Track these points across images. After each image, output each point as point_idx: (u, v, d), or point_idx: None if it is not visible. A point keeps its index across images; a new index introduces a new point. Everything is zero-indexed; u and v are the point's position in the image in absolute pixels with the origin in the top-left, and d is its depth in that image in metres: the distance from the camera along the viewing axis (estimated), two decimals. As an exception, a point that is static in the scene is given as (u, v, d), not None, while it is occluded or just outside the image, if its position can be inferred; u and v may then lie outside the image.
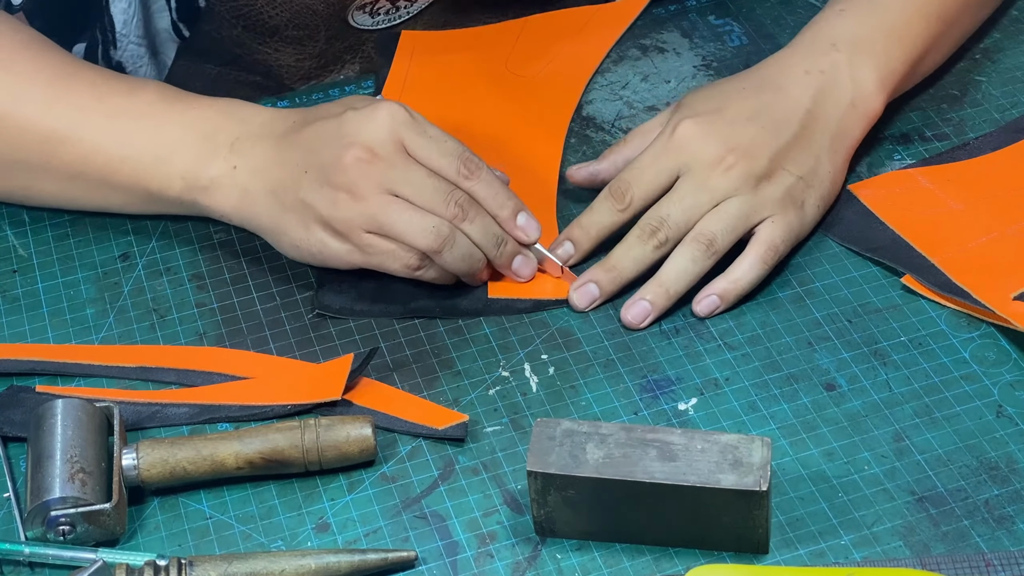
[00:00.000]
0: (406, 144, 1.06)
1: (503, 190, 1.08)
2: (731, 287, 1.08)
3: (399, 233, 1.05)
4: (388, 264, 1.07)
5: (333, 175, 1.05)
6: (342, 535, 0.98)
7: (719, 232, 1.08)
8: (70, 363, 1.08)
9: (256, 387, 1.06)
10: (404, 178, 1.06)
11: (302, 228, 1.07)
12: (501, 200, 1.08)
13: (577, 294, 1.09)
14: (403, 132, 1.06)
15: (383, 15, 1.31)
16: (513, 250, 1.09)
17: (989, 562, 0.92)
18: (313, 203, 1.06)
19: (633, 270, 1.09)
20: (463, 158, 1.07)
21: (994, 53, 1.27)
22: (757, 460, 0.92)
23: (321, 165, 1.06)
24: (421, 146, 1.06)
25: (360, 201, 1.05)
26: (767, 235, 1.08)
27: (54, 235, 1.19)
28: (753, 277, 1.08)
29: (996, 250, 1.10)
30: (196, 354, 1.09)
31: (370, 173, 1.05)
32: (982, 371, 1.04)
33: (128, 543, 0.98)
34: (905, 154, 1.19)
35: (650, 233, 1.08)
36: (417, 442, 1.03)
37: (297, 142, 1.08)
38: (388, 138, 1.05)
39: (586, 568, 0.95)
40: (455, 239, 1.06)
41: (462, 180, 1.07)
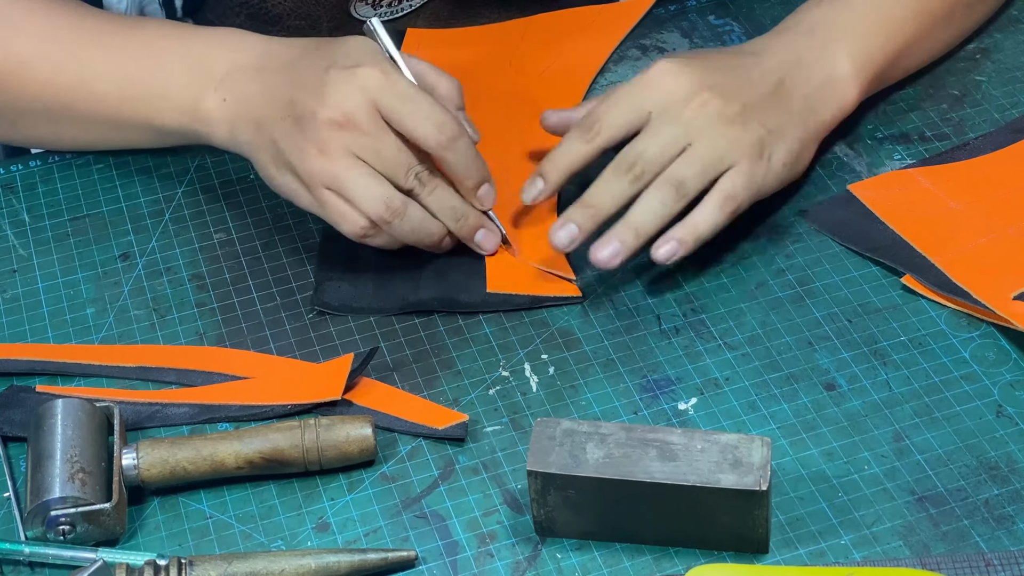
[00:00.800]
0: (382, 111, 1.07)
1: (474, 160, 1.09)
2: (690, 232, 1.08)
3: (353, 197, 1.07)
4: (340, 224, 1.09)
5: (306, 128, 1.07)
6: (342, 535, 0.98)
7: (689, 176, 1.08)
8: (70, 363, 1.08)
9: (256, 387, 1.06)
10: (372, 147, 1.07)
11: (274, 167, 1.10)
12: (469, 170, 1.09)
13: (557, 235, 1.09)
14: (379, 98, 1.07)
15: (385, 7, 1.31)
16: (475, 223, 1.11)
17: (989, 562, 0.92)
18: (284, 149, 1.08)
19: (611, 205, 1.09)
20: (439, 124, 1.07)
21: (994, 53, 1.27)
22: (757, 460, 0.92)
23: (298, 116, 1.07)
24: (397, 113, 1.07)
25: (325, 157, 1.07)
26: (728, 183, 1.08)
27: (54, 235, 1.19)
28: (712, 223, 1.08)
29: (996, 250, 1.10)
30: (196, 354, 1.09)
31: (340, 136, 1.07)
32: (982, 371, 1.04)
33: (128, 543, 0.98)
34: (905, 154, 1.19)
35: (626, 168, 1.09)
36: (417, 442, 1.03)
37: (281, 87, 1.10)
38: (363, 105, 1.07)
39: (586, 568, 0.95)
40: (407, 212, 1.08)
41: (437, 148, 1.08)
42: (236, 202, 1.20)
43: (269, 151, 1.09)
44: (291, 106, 1.08)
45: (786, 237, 1.14)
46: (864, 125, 1.22)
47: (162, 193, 1.21)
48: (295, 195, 1.10)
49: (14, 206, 1.21)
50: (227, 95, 1.12)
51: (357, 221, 1.08)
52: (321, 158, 1.07)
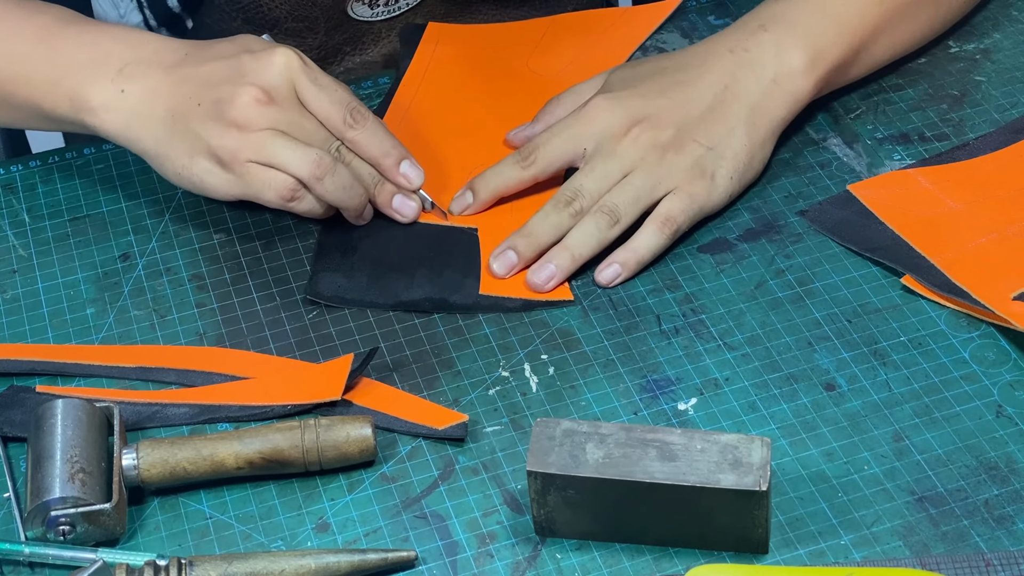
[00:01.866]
0: (298, 90, 1.11)
1: (387, 138, 1.13)
2: (631, 256, 1.11)
3: (281, 160, 1.09)
4: (264, 193, 1.10)
5: (227, 110, 1.09)
6: (342, 535, 0.98)
7: (622, 204, 1.11)
8: (70, 363, 1.08)
9: (256, 387, 1.06)
10: (294, 122, 1.10)
11: (187, 156, 1.11)
12: (385, 148, 1.13)
13: (497, 262, 1.12)
14: (296, 78, 1.11)
15: (382, 6, 1.32)
16: (392, 188, 1.14)
17: (989, 562, 0.92)
18: (202, 134, 1.10)
19: (550, 236, 1.12)
20: (350, 107, 1.12)
21: (994, 53, 1.27)
22: (757, 460, 0.92)
23: (216, 100, 1.10)
24: (312, 93, 1.11)
25: (248, 134, 1.09)
26: (666, 207, 1.12)
27: (54, 235, 1.19)
28: (652, 246, 1.11)
29: (996, 250, 1.10)
30: (196, 354, 1.09)
31: (263, 112, 1.09)
32: (982, 371, 1.04)
33: (128, 543, 0.98)
34: (905, 154, 1.19)
35: (565, 203, 1.12)
36: (417, 442, 1.03)
37: (192, 75, 1.12)
38: (282, 83, 1.10)
39: (586, 568, 0.95)
40: (336, 170, 1.10)
41: (347, 129, 1.12)
42: (236, 202, 1.20)
43: (183, 141, 1.11)
44: (207, 92, 1.10)
45: (786, 237, 1.14)
46: (864, 125, 1.22)
47: (162, 193, 1.21)
48: (212, 179, 1.11)
49: (14, 206, 1.21)
50: (126, 87, 1.13)
51: (285, 182, 1.10)
52: (243, 135, 1.09)
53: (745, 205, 1.16)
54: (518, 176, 1.15)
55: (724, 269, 1.12)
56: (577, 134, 1.14)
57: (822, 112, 1.23)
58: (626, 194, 1.11)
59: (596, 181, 1.12)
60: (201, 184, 1.12)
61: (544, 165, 1.15)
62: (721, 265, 1.12)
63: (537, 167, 1.15)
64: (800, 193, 1.17)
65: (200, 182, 1.11)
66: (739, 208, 1.16)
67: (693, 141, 1.13)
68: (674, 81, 1.15)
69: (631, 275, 1.11)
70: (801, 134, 1.22)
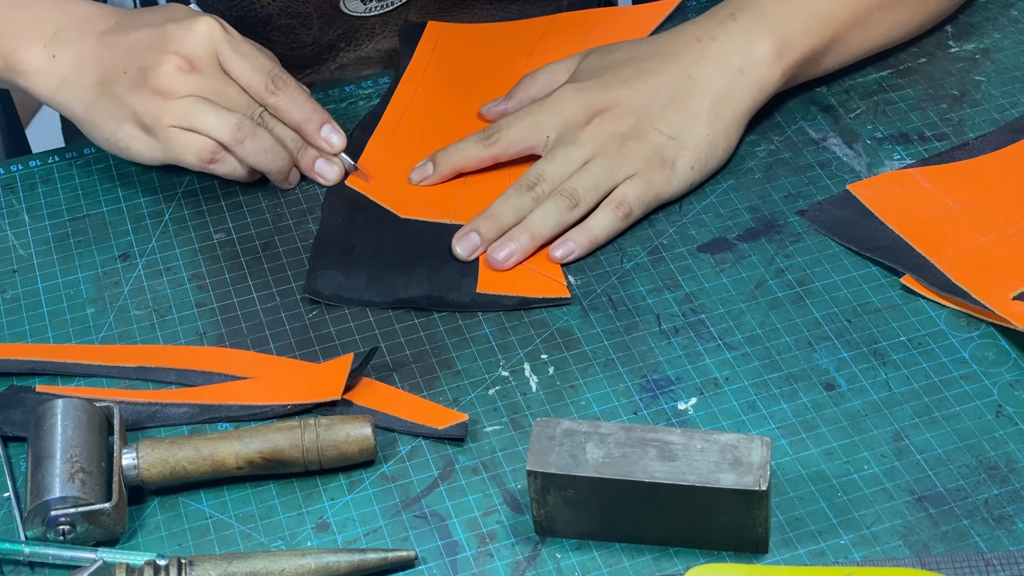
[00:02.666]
0: (221, 58, 1.14)
1: (308, 103, 1.17)
2: (584, 235, 1.13)
3: (202, 125, 1.13)
4: (184, 155, 1.14)
5: (151, 78, 1.13)
6: (342, 535, 0.98)
7: (581, 188, 1.13)
8: (70, 363, 1.08)
9: (256, 387, 1.06)
10: (216, 89, 1.14)
11: (113, 123, 1.15)
12: (307, 113, 1.17)
13: (460, 244, 1.13)
14: (219, 46, 1.14)
15: (376, 2, 1.32)
16: (315, 153, 1.18)
17: (989, 562, 0.92)
18: (127, 100, 1.14)
19: (512, 218, 1.14)
20: (272, 74, 1.15)
21: (994, 53, 1.27)
22: (757, 460, 0.92)
23: (140, 68, 1.13)
24: (234, 61, 1.15)
25: (171, 100, 1.13)
26: (621, 192, 1.14)
27: (54, 235, 1.19)
28: (605, 227, 1.13)
29: (996, 250, 1.10)
30: (196, 354, 1.09)
31: (186, 80, 1.13)
32: (982, 371, 1.04)
33: (128, 543, 0.98)
34: (905, 154, 1.19)
35: (527, 188, 1.14)
36: (417, 442, 1.03)
37: (119, 43, 1.15)
38: (204, 52, 1.14)
39: (586, 568, 0.95)
40: (257, 133, 1.15)
41: (268, 96, 1.15)
42: (236, 202, 1.20)
43: (110, 106, 1.14)
44: (132, 60, 1.14)
45: (786, 237, 1.14)
46: (864, 125, 1.22)
47: (162, 193, 1.21)
48: (136, 144, 1.14)
49: (14, 206, 1.21)
50: (57, 52, 1.16)
51: (205, 144, 1.13)
52: (166, 101, 1.13)
53: (745, 205, 1.16)
54: (478, 154, 1.18)
55: (724, 269, 1.12)
56: (541, 121, 1.17)
57: (822, 112, 1.23)
58: (585, 179, 1.14)
59: (557, 167, 1.14)
60: (127, 149, 1.15)
61: (505, 146, 1.17)
62: (721, 265, 1.12)
63: (498, 147, 1.17)
64: (800, 193, 1.17)
65: (126, 148, 1.15)
66: (739, 208, 1.16)
67: (654, 129, 1.15)
68: (639, 70, 1.17)
69: (584, 254, 1.13)
70: (801, 134, 1.22)
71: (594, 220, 1.14)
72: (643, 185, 1.14)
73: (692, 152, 1.15)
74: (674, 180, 1.15)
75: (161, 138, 1.13)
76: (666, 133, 1.15)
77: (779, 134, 1.22)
